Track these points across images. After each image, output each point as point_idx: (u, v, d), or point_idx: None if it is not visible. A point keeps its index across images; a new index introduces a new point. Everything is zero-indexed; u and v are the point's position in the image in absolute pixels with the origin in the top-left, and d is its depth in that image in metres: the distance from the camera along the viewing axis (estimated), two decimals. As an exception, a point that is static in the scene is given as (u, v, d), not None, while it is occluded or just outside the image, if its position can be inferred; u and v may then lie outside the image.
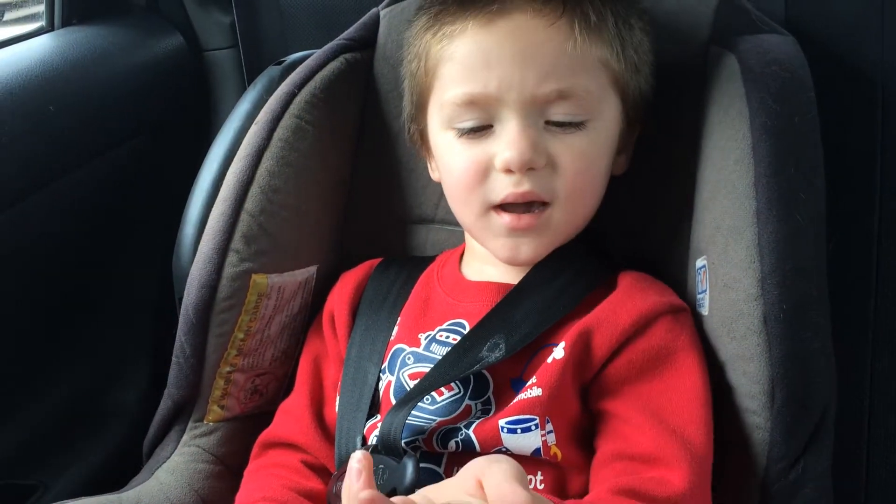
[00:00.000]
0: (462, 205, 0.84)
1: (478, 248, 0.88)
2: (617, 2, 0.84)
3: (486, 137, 0.80)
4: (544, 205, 0.80)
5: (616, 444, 0.73)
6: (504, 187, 0.79)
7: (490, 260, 0.87)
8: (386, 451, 0.75)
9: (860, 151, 0.98)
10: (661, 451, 0.71)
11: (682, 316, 0.80)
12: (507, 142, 0.78)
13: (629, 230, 0.93)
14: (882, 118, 0.97)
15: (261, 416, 0.92)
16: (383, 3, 1.03)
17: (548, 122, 0.80)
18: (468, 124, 0.81)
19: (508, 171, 0.79)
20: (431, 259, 0.94)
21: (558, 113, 0.79)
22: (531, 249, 0.82)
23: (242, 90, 1.25)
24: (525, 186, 0.79)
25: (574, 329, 0.77)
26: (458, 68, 0.81)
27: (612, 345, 0.76)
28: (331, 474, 0.83)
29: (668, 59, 0.90)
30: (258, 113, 0.95)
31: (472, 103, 0.80)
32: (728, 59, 0.85)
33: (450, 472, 0.76)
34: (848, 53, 0.97)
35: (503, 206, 0.81)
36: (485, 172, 0.80)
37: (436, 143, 0.86)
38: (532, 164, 0.78)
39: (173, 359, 0.90)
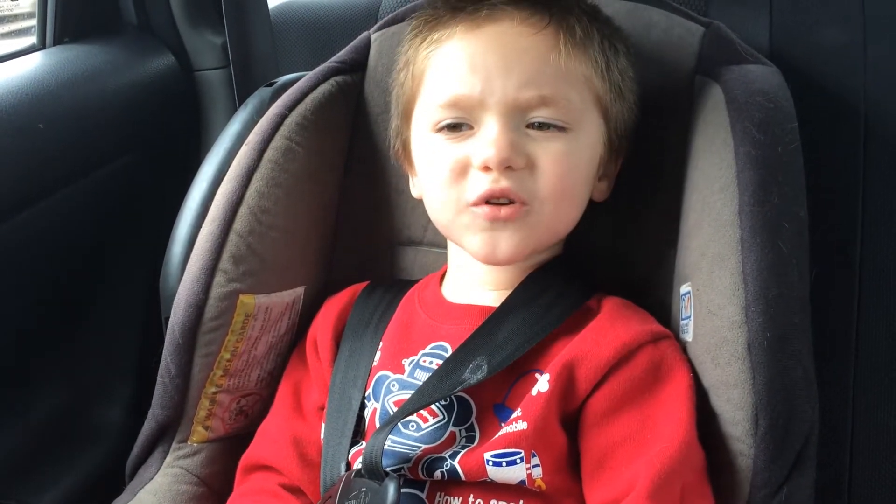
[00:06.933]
0: (439, 203, 0.84)
1: (459, 270, 0.89)
2: (603, 23, 0.85)
3: (467, 138, 0.81)
4: (522, 205, 0.80)
5: (605, 493, 0.73)
6: (482, 185, 0.79)
7: (471, 282, 0.87)
8: (369, 474, 0.75)
9: (843, 181, 0.99)
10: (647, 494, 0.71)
11: (664, 343, 0.79)
12: (486, 141, 0.79)
13: (615, 255, 0.94)
14: (864, 148, 0.98)
15: (245, 438, 0.92)
16: (375, 27, 1.04)
17: (528, 126, 0.80)
18: (449, 121, 0.82)
19: (486, 168, 0.79)
20: (414, 283, 0.94)
21: (539, 115, 0.80)
22: (510, 246, 0.81)
23: (233, 111, 1.25)
24: (503, 184, 0.79)
25: (558, 361, 0.77)
26: (443, 72, 0.83)
27: (595, 377, 0.76)
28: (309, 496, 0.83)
29: (655, 87, 0.91)
30: (248, 134, 0.96)
31: (455, 105, 0.81)
32: (713, 89, 0.87)
33: (432, 498, 0.76)
34: (831, 84, 0.98)
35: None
36: (463, 171, 0.81)
37: (418, 147, 0.87)
38: (510, 163, 0.79)
39: (158, 379, 0.90)
